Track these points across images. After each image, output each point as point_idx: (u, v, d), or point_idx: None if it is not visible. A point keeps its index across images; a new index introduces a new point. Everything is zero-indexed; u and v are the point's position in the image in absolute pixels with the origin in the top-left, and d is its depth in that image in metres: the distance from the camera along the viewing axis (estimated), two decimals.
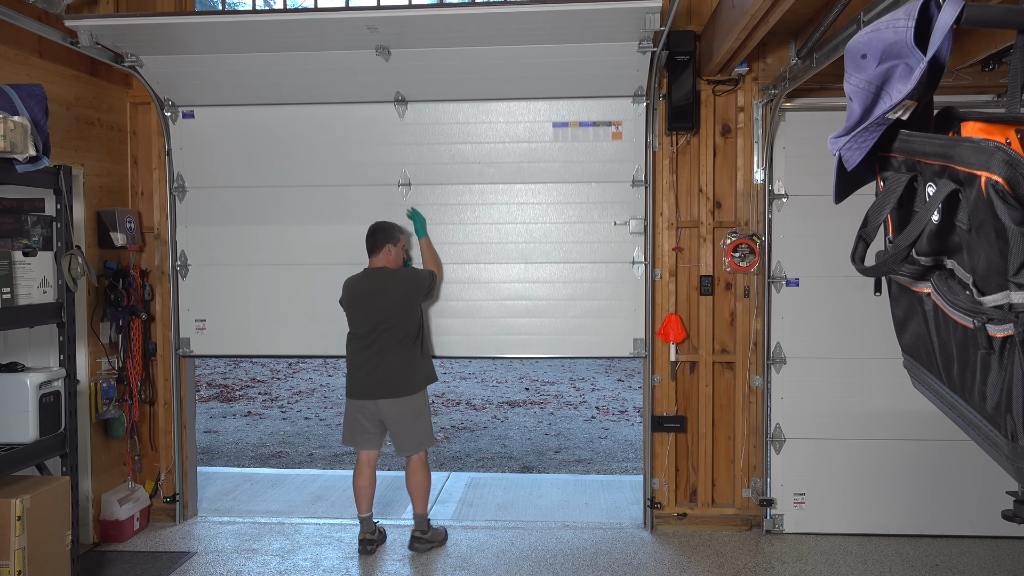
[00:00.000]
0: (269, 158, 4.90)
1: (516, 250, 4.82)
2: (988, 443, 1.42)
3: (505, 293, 4.84)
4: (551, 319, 4.83)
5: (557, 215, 4.80)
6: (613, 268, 4.79)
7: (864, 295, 4.53)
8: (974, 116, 1.38)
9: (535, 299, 4.83)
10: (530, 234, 4.82)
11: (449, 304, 4.85)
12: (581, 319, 4.81)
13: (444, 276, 4.81)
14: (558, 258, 4.81)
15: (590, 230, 4.78)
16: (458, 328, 4.86)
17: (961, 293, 1.39)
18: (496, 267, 4.83)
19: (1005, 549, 4.50)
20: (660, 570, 4.27)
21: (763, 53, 4.64)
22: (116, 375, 4.81)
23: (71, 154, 4.44)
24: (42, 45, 4.19)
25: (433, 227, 4.80)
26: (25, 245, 3.56)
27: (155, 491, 5.04)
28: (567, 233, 4.79)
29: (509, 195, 4.82)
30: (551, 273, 4.82)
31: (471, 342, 4.85)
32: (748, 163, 4.76)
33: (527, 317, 4.84)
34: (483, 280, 4.84)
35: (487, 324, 4.84)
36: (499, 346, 4.85)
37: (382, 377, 4.36)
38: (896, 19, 1.39)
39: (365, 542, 4.52)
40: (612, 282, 4.78)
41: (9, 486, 3.31)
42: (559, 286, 4.82)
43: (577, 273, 4.81)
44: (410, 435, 4.44)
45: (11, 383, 3.44)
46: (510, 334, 4.84)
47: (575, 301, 4.81)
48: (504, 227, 4.83)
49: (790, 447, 4.74)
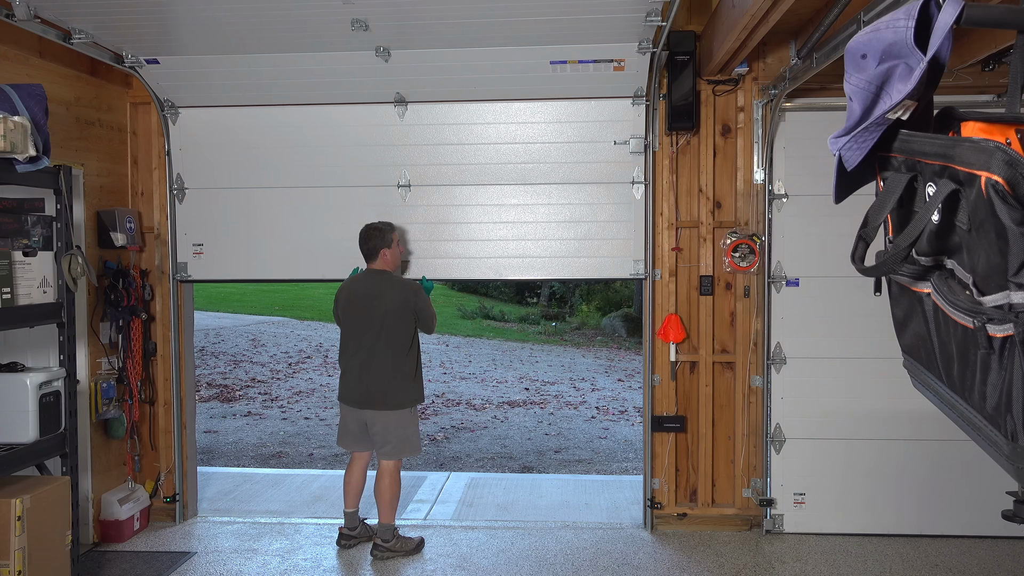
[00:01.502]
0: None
1: (515, 171, 4.78)
2: (988, 443, 1.42)
3: (504, 216, 4.81)
4: (550, 241, 4.80)
5: (556, 135, 4.76)
6: (612, 188, 4.76)
7: (864, 295, 4.49)
8: (974, 116, 1.38)
9: (534, 221, 4.80)
10: (529, 154, 4.77)
11: (448, 228, 4.82)
12: (581, 241, 4.78)
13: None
14: (557, 179, 4.76)
15: (589, 149, 4.74)
16: (457, 251, 4.82)
17: (961, 293, 1.39)
18: (495, 188, 4.79)
19: (1005, 549, 4.50)
20: (660, 570, 4.27)
21: (763, 53, 4.64)
22: (116, 375, 4.81)
23: (71, 154, 4.44)
24: (42, 45, 4.19)
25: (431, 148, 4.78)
26: (25, 245, 3.56)
27: (155, 491, 5.04)
28: (566, 153, 4.75)
29: (508, 115, 4.78)
30: (550, 194, 4.79)
31: (471, 264, 4.83)
32: (748, 163, 4.76)
33: (525, 240, 4.81)
34: (482, 203, 4.80)
35: (485, 247, 4.81)
36: (498, 268, 4.84)
37: (370, 388, 4.34)
38: (896, 19, 1.39)
39: (343, 536, 4.54)
40: (611, 203, 4.76)
41: (9, 486, 3.30)
42: (558, 208, 4.78)
43: (576, 194, 4.77)
44: (391, 440, 4.38)
45: (11, 383, 3.44)
46: (509, 256, 4.82)
47: (574, 223, 4.78)
48: (503, 147, 4.78)
49: (790, 447, 4.74)
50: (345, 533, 4.57)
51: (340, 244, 4.82)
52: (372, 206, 4.80)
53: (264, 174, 4.91)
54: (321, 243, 4.89)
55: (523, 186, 4.82)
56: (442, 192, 4.84)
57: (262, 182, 4.91)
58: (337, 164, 4.86)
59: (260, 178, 4.92)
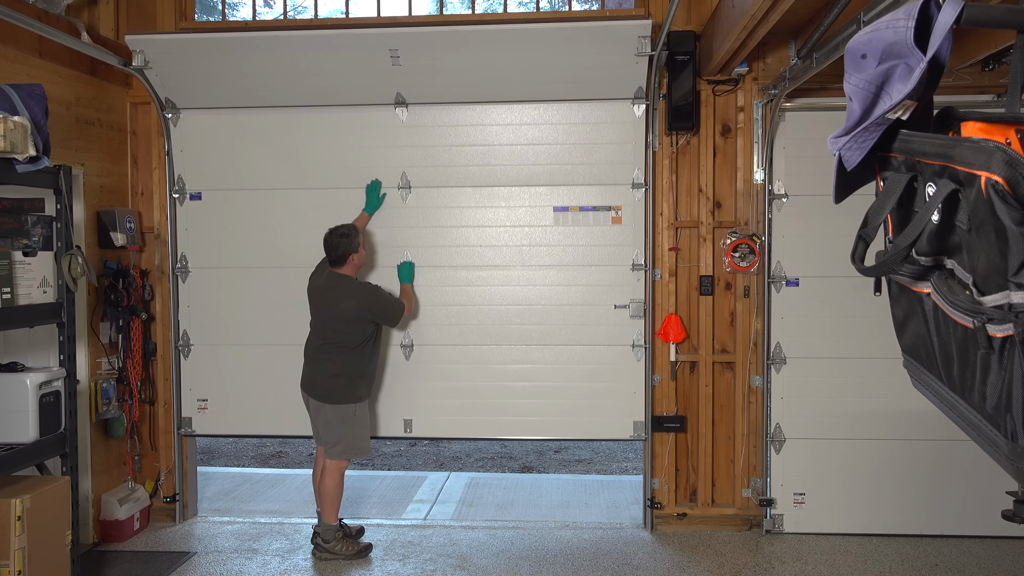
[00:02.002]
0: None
1: (517, 331, 4.83)
2: (988, 443, 1.42)
3: (506, 375, 4.84)
4: (550, 400, 4.84)
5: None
6: (613, 350, 4.81)
7: (864, 295, 4.53)
8: (974, 116, 1.38)
9: (535, 380, 4.84)
10: (534, 315, 4.84)
11: (449, 385, 4.87)
12: (581, 400, 4.82)
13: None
14: (559, 341, 4.81)
15: (590, 312, 4.80)
16: (458, 408, 4.87)
17: (961, 293, 1.39)
18: (496, 348, 4.83)
19: (1005, 549, 4.50)
20: (660, 570, 4.27)
21: (763, 53, 4.63)
22: (116, 375, 4.81)
23: (71, 154, 4.44)
24: (42, 45, 4.19)
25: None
26: (25, 245, 3.55)
27: (155, 491, 5.04)
28: (567, 315, 4.80)
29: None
30: (550, 354, 4.83)
31: (471, 423, 4.86)
32: (748, 163, 4.76)
33: (526, 398, 4.85)
34: (483, 361, 4.84)
35: (487, 404, 4.85)
36: (500, 427, 4.87)
37: (318, 378, 4.33)
38: (896, 19, 1.39)
39: (315, 534, 4.49)
40: (612, 364, 4.80)
41: (9, 486, 3.30)
42: (559, 367, 4.82)
43: (578, 355, 4.81)
44: (332, 438, 4.33)
45: (11, 383, 3.43)
46: (509, 415, 4.85)
47: (574, 383, 4.82)
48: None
49: (790, 447, 4.74)
50: (316, 531, 4.49)
51: None
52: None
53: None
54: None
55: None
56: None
57: (265, 183, 4.92)
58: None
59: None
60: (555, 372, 4.81)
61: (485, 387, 4.84)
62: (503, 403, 4.83)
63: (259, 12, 5.24)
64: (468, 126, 4.80)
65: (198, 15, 5.15)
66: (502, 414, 4.84)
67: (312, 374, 4.36)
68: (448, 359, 4.85)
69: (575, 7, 5.10)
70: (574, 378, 4.80)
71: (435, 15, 5.05)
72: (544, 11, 5.06)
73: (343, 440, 4.33)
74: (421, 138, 4.82)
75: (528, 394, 4.83)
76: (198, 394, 4.99)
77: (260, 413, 4.96)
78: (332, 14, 5.15)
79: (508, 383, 4.83)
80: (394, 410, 4.87)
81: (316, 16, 5.08)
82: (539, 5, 5.10)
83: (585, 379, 4.79)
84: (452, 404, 4.86)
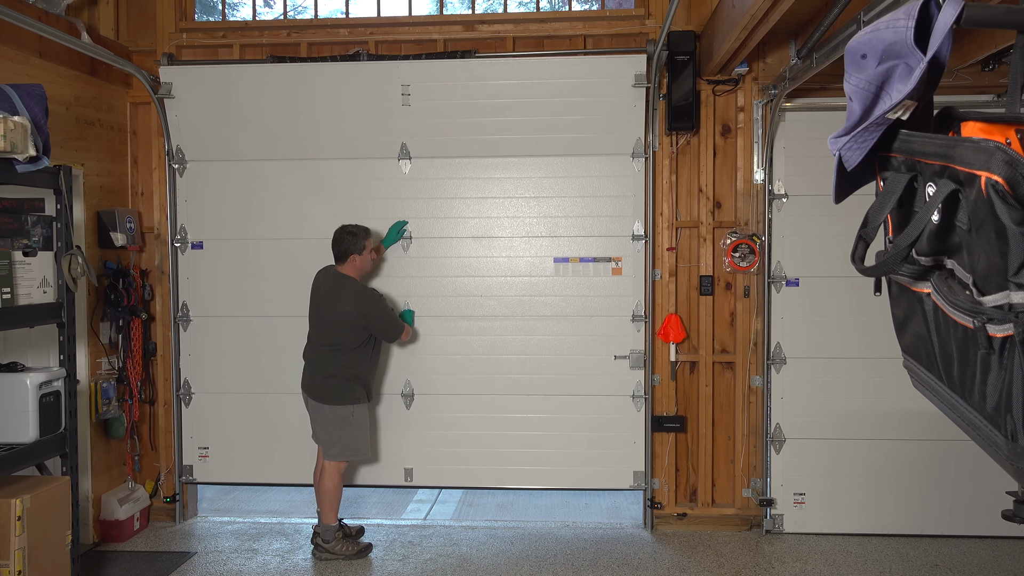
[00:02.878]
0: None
1: (516, 381, 4.85)
2: (988, 443, 1.42)
3: (506, 424, 4.85)
4: (551, 450, 4.84)
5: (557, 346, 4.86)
6: (613, 400, 4.81)
7: (864, 295, 4.53)
8: (974, 116, 1.38)
9: (535, 429, 4.85)
10: (535, 365, 4.85)
11: (453, 433, 4.89)
12: (582, 450, 4.83)
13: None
14: (559, 391, 4.83)
15: (590, 362, 4.81)
16: (459, 457, 4.87)
17: (961, 293, 1.38)
18: (497, 398, 4.85)
19: (1005, 549, 4.50)
20: (660, 570, 4.27)
21: (763, 53, 4.63)
22: (116, 375, 4.81)
23: (71, 154, 4.44)
24: (42, 45, 4.19)
25: None
26: (25, 245, 3.55)
27: (155, 491, 5.04)
28: (568, 365, 4.82)
29: None
30: (551, 404, 4.83)
31: (472, 472, 4.87)
32: (748, 163, 4.75)
33: (527, 448, 4.85)
34: (484, 410, 4.86)
35: (487, 454, 4.86)
36: (500, 477, 4.87)
37: (315, 379, 4.31)
38: (896, 19, 1.38)
39: (315, 535, 4.49)
40: (612, 414, 4.81)
41: (9, 486, 3.30)
42: (560, 417, 4.83)
43: (578, 405, 4.82)
44: (330, 439, 4.32)
45: (11, 383, 3.43)
46: (510, 464, 4.86)
47: (575, 432, 4.82)
48: (507, 359, 4.87)
49: (790, 447, 4.74)
50: (317, 531, 4.49)
51: None
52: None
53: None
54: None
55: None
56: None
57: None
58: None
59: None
60: (556, 422, 4.83)
61: (485, 436, 4.86)
62: (503, 452, 4.85)
63: (259, 12, 5.23)
64: (469, 179, 4.83)
65: (198, 15, 5.15)
66: (503, 463, 4.85)
67: (310, 374, 4.35)
68: (449, 408, 4.87)
69: (575, 7, 5.10)
70: (575, 428, 4.82)
71: (435, 15, 5.05)
72: (544, 11, 5.06)
73: (340, 441, 4.31)
74: (424, 190, 4.84)
75: (529, 443, 4.85)
76: (199, 442, 5.00)
77: (262, 461, 4.97)
78: (332, 14, 5.15)
79: (509, 432, 4.85)
80: (394, 459, 4.88)
81: (316, 16, 5.08)
82: (539, 5, 5.10)
83: (586, 429, 4.81)
84: (453, 453, 4.87)
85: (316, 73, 4.75)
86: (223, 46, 4.98)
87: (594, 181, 4.77)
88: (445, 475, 4.87)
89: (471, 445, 4.86)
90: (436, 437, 4.86)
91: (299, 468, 4.86)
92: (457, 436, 4.86)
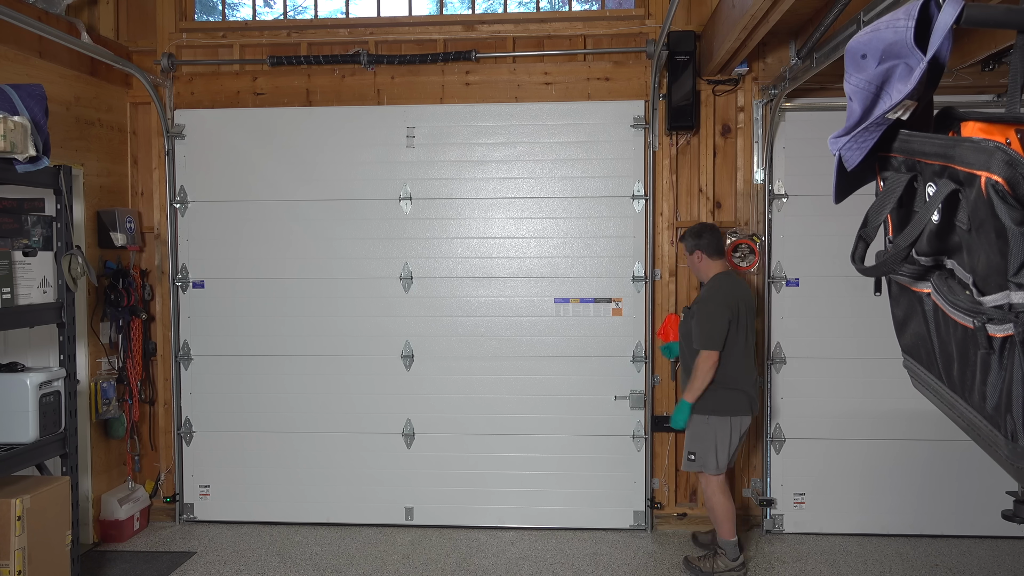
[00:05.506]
0: None
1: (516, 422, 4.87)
2: (988, 443, 1.42)
3: (507, 464, 4.87)
4: (551, 489, 4.85)
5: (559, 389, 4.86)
6: (613, 440, 4.82)
7: (864, 295, 4.54)
8: (974, 116, 1.37)
9: (536, 469, 4.85)
10: (535, 405, 4.86)
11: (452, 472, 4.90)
12: (582, 490, 4.84)
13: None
14: (560, 430, 4.84)
15: (590, 402, 4.82)
16: (459, 496, 4.89)
17: (961, 293, 1.38)
18: (497, 438, 4.86)
19: (1005, 549, 4.50)
20: (660, 570, 4.27)
21: (763, 53, 4.64)
22: (116, 375, 4.81)
23: (71, 154, 4.44)
24: (42, 45, 4.19)
25: None
26: (25, 245, 3.56)
27: (155, 491, 5.04)
28: (568, 405, 4.83)
29: None
30: (552, 444, 4.84)
31: (472, 511, 4.87)
32: (748, 163, 4.76)
33: (528, 487, 4.86)
34: (484, 450, 4.87)
35: (488, 492, 4.87)
36: (501, 516, 4.87)
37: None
38: (896, 19, 1.38)
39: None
40: (612, 454, 4.82)
41: (9, 486, 3.30)
42: (560, 457, 4.84)
43: (578, 445, 4.83)
44: (689, 448, 4.09)
45: (11, 383, 3.43)
46: (510, 503, 4.87)
47: (575, 472, 4.84)
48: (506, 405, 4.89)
49: (790, 447, 4.74)
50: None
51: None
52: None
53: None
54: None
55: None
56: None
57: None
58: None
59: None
60: (556, 462, 4.84)
61: (486, 476, 4.87)
62: (504, 492, 4.86)
63: (259, 12, 5.23)
64: (470, 219, 4.85)
65: (198, 15, 5.15)
66: (503, 503, 4.86)
67: (754, 391, 4.13)
68: (449, 448, 4.88)
69: (575, 7, 5.10)
70: (576, 468, 4.83)
71: (435, 15, 5.04)
72: (544, 11, 5.06)
73: (696, 450, 4.04)
74: (425, 230, 4.86)
75: (530, 483, 4.85)
76: (200, 480, 5.00)
77: (263, 499, 4.98)
78: (332, 14, 5.15)
79: (509, 472, 4.86)
80: (395, 498, 4.90)
81: (316, 16, 5.08)
82: (539, 5, 5.10)
83: (586, 469, 4.82)
84: (453, 492, 4.88)
85: (326, 116, 4.85)
86: (223, 46, 4.99)
87: (594, 222, 4.79)
88: (445, 514, 4.88)
89: (472, 484, 4.88)
90: (437, 476, 4.88)
91: (302, 507, 4.92)
92: (457, 475, 4.88)
